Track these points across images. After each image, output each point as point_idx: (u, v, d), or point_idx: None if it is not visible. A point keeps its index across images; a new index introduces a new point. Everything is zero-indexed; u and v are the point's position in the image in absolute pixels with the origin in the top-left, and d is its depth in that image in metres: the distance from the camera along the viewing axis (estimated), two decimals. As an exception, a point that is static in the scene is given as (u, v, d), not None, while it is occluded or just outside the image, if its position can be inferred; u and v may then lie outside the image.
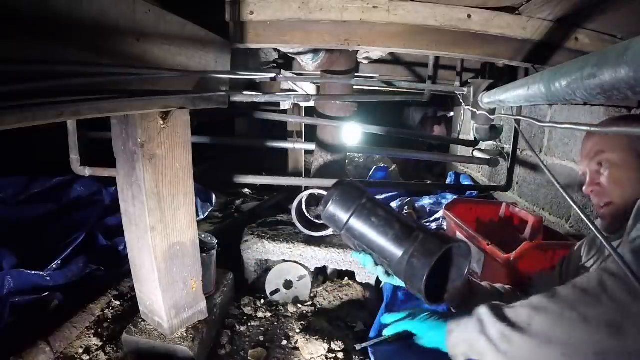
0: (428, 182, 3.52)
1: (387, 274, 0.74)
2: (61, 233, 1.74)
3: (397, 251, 0.65)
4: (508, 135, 2.48)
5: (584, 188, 0.84)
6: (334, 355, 1.38)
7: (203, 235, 1.48)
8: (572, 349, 0.50)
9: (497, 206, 1.82)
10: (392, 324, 0.74)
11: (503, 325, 0.57)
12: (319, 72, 1.86)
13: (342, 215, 0.67)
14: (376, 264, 0.73)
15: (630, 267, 0.47)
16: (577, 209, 0.56)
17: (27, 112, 0.57)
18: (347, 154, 2.60)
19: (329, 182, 1.98)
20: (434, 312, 0.72)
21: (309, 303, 1.71)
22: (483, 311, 0.62)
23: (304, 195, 0.64)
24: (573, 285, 0.56)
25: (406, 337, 0.71)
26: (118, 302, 1.57)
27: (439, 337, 0.67)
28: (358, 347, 0.80)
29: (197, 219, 1.62)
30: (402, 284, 0.69)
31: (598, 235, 0.53)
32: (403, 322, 0.72)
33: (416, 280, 0.62)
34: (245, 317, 1.60)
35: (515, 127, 2.10)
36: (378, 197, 2.96)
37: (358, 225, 0.67)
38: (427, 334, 0.69)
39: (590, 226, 0.54)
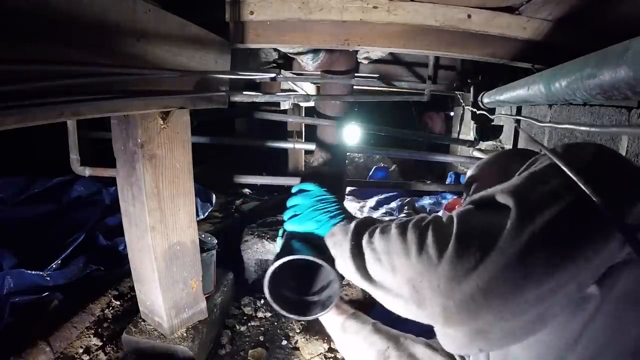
0: (428, 182, 3.52)
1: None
2: (61, 233, 1.74)
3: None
4: (508, 135, 2.48)
5: None
6: (333, 355, 1.38)
7: (203, 235, 1.48)
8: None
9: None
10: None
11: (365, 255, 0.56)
12: (319, 72, 1.85)
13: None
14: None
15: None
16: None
17: (27, 112, 0.57)
18: (347, 153, 2.59)
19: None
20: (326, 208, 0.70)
21: (309, 303, 1.72)
22: (354, 230, 0.60)
23: (271, 271, 0.57)
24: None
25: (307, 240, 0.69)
26: (118, 302, 1.57)
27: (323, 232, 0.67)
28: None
29: (197, 219, 1.62)
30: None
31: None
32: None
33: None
34: (245, 317, 1.60)
35: (515, 127, 2.10)
36: (378, 196, 2.98)
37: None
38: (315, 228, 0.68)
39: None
